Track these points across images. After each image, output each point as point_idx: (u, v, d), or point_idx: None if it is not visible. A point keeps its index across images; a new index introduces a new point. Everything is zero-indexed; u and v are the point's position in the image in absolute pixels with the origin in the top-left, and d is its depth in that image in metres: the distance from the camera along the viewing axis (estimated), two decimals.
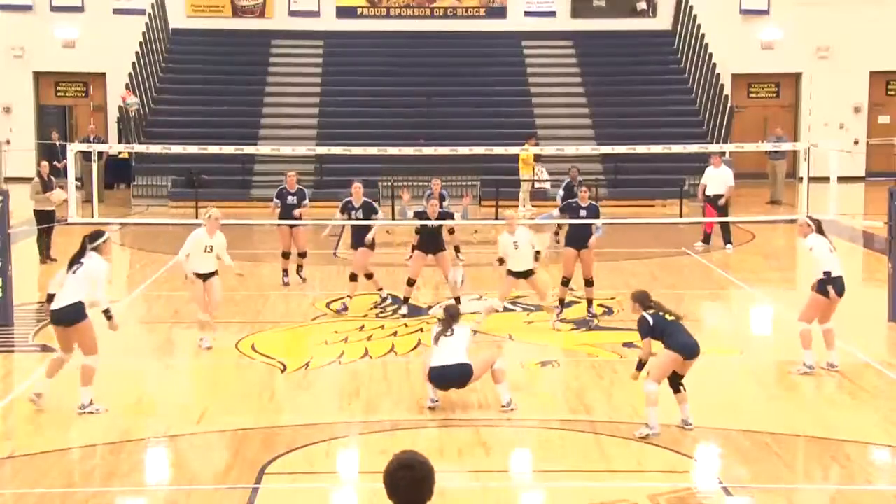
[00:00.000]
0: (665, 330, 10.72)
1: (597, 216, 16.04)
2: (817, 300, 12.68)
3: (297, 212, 18.17)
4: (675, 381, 10.83)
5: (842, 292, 12.67)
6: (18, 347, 14.39)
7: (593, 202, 16.24)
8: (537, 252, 15.22)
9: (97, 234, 12.54)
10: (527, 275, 14.92)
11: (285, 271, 18.26)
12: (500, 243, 15.12)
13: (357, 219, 16.91)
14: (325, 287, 18.15)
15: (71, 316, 11.40)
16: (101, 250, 12.40)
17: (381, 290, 16.72)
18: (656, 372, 10.70)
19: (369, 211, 17.10)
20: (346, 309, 15.99)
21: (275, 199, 18.58)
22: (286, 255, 18.34)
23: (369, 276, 16.58)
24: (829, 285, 12.57)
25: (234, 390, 12.36)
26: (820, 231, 12.89)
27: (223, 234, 14.45)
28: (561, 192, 20.81)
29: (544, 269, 19.40)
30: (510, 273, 14.89)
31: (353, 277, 16.41)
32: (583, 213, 15.85)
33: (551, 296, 15.55)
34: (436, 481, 4.74)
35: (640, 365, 10.94)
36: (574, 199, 16.35)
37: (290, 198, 18.36)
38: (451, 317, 11.78)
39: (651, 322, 10.70)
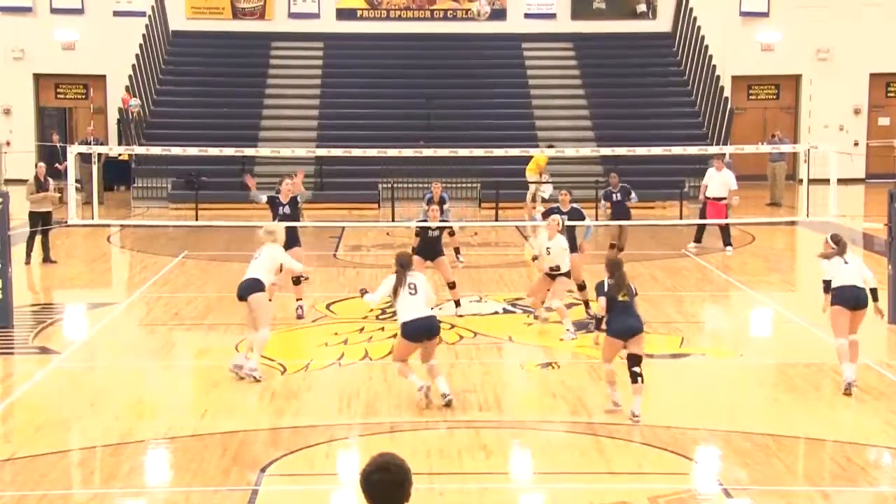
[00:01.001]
0: (611, 309, 11.27)
1: (581, 219, 16.11)
2: (833, 312, 12.38)
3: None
4: (632, 369, 11.20)
5: (848, 303, 12.27)
6: (18, 349, 14.39)
7: (574, 206, 16.23)
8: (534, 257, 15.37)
9: None
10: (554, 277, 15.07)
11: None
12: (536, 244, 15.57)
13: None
14: (326, 289, 18.15)
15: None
16: None
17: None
18: (603, 354, 11.55)
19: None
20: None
21: (264, 200, 17.31)
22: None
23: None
24: (832, 293, 12.37)
25: (234, 392, 12.36)
26: (842, 252, 12.62)
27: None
28: (603, 200, 21.05)
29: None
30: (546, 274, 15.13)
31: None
32: (564, 217, 15.82)
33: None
34: (413, 483, 4.71)
35: (598, 323, 11.85)
36: (556, 205, 16.45)
37: (282, 208, 16.21)
38: (403, 265, 11.60)
39: (605, 288, 11.33)
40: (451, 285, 16.25)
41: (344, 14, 35.47)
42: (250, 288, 12.58)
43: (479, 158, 27.52)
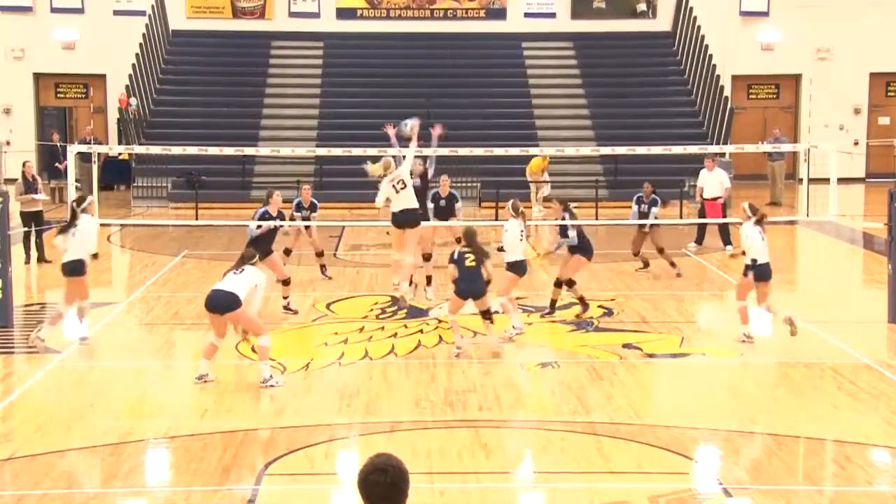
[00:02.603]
0: (460, 273, 13.46)
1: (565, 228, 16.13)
2: (744, 282, 14.22)
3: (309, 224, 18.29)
4: (483, 315, 13.76)
5: (765, 277, 14.02)
6: (18, 349, 14.39)
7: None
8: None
9: (82, 198, 14.70)
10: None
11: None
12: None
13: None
14: (326, 288, 18.15)
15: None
16: (89, 211, 14.55)
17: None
18: (450, 308, 13.90)
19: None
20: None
21: (293, 212, 18.46)
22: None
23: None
24: (752, 271, 13.97)
25: (235, 391, 12.36)
26: (759, 221, 14.12)
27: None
28: (634, 206, 20.03)
29: (544, 271, 19.41)
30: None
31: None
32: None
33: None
34: (410, 484, 4.72)
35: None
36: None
37: (304, 212, 18.67)
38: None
39: (455, 256, 13.57)
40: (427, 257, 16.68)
41: (344, 13, 35.47)
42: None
43: (479, 158, 27.56)
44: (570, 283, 15.80)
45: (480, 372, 13.03)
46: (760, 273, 14.02)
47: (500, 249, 15.00)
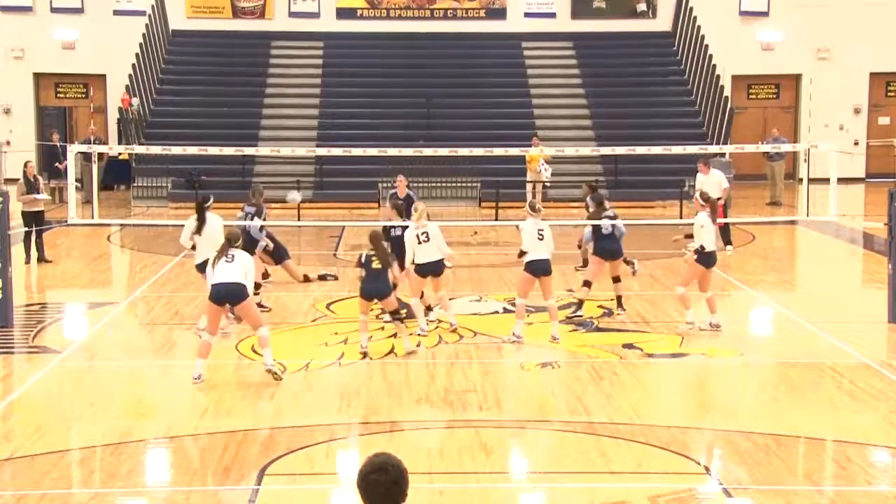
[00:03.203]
0: (367, 275, 13.65)
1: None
2: (695, 268, 14.82)
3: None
4: (392, 316, 13.99)
5: (711, 265, 14.81)
6: (18, 349, 14.39)
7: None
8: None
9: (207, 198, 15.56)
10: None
11: None
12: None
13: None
14: (326, 288, 18.14)
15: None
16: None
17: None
18: (359, 309, 14.06)
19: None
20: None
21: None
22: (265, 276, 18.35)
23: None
24: (702, 257, 14.62)
25: (235, 391, 12.36)
26: (713, 211, 15.01)
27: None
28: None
29: None
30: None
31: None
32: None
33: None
34: (409, 483, 4.72)
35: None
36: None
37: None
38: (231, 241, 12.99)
39: (362, 259, 13.72)
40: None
41: (344, 13, 35.46)
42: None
43: (479, 158, 27.57)
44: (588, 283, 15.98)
45: (480, 372, 13.03)
46: (708, 260, 14.68)
47: (522, 254, 14.65)
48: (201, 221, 14.80)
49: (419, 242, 14.82)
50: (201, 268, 14.44)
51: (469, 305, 16.48)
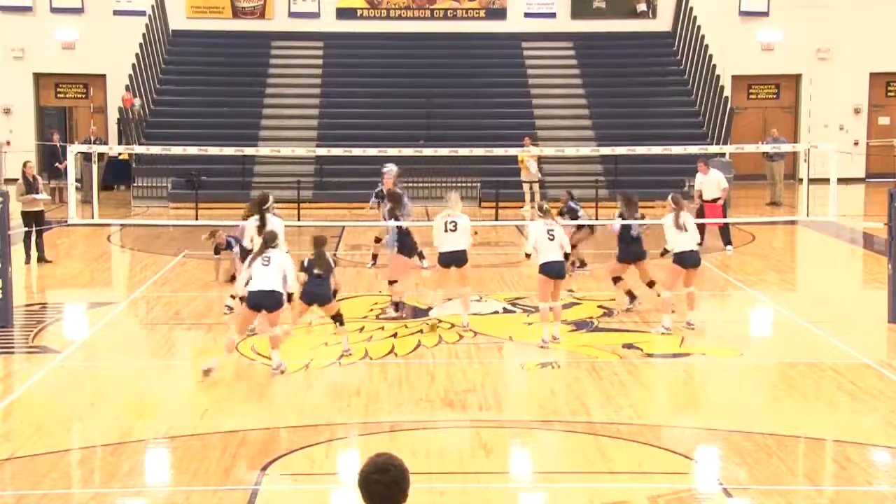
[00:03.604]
0: (308, 279, 13.43)
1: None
2: (672, 270, 14.97)
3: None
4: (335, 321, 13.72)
5: (690, 265, 14.89)
6: (18, 349, 14.39)
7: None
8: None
9: (265, 199, 15.27)
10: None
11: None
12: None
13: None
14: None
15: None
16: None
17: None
18: (292, 316, 13.94)
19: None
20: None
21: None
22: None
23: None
24: (676, 257, 14.86)
25: (235, 391, 12.37)
26: (679, 213, 15.02)
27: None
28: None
29: None
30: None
31: None
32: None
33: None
34: (410, 483, 4.72)
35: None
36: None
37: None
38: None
39: (305, 263, 13.42)
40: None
41: (344, 13, 35.46)
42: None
43: (479, 158, 27.56)
44: (616, 280, 16.19)
45: (480, 372, 13.03)
46: (688, 261, 14.82)
47: (527, 256, 14.75)
48: (263, 223, 14.56)
49: (446, 230, 14.89)
50: None
51: (469, 305, 16.46)
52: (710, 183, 21.80)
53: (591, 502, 9.12)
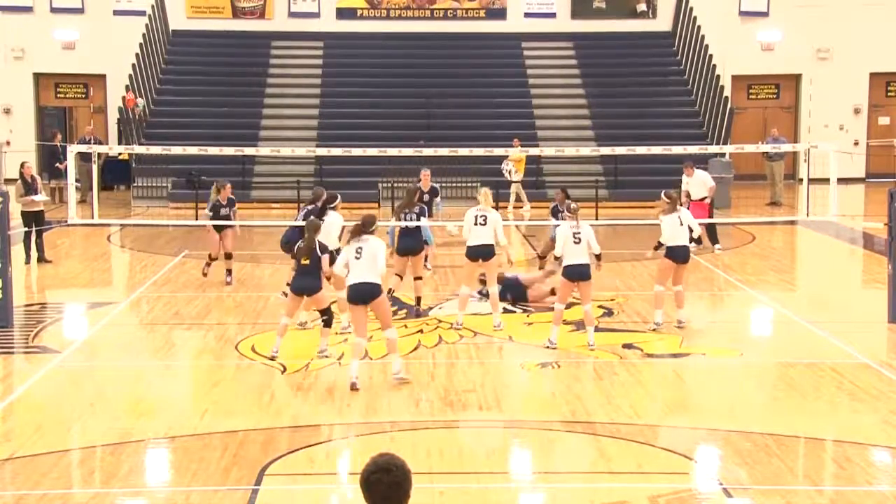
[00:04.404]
0: (297, 269, 13.36)
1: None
2: (665, 264, 15.00)
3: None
4: (322, 317, 13.55)
5: (683, 260, 14.97)
6: (18, 349, 14.39)
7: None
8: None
9: (333, 198, 15.42)
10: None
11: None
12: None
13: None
14: (326, 288, 18.08)
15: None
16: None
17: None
18: (286, 308, 13.75)
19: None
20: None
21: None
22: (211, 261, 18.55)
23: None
24: (668, 252, 14.89)
25: (234, 391, 12.37)
26: (674, 208, 15.19)
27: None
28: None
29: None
30: None
31: None
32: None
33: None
34: (412, 484, 4.73)
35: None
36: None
37: (224, 210, 18.69)
38: (365, 226, 12.45)
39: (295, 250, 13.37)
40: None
41: (344, 13, 35.47)
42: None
43: (479, 158, 27.55)
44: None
45: (480, 372, 13.03)
46: (679, 255, 14.89)
47: (556, 259, 14.36)
48: (321, 217, 14.57)
49: (475, 224, 15.01)
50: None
51: (469, 305, 16.44)
52: (696, 184, 21.89)
53: (592, 502, 9.12)
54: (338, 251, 13.74)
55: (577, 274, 13.78)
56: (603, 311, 16.18)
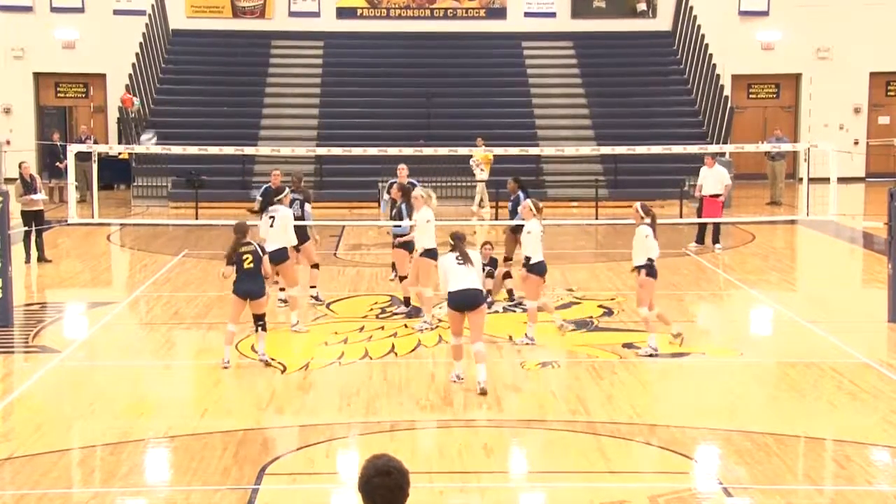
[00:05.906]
0: (238, 273, 13.09)
1: None
2: (650, 283, 13.73)
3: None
4: (256, 321, 13.29)
5: (656, 275, 13.90)
6: (18, 348, 14.39)
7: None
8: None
9: (280, 190, 15.71)
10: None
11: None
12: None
13: None
14: (326, 288, 18.11)
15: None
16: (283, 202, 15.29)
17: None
18: (230, 314, 13.44)
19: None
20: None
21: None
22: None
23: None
24: (651, 270, 13.66)
25: (234, 391, 12.37)
26: (653, 222, 13.84)
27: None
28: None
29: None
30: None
31: None
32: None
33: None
34: (410, 484, 4.75)
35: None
36: None
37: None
38: (460, 239, 12.33)
39: (232, 257, 13.14)
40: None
41: (344, 13, 35.47)
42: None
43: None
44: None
45: None
46: (656, 272, 13.83)
47: (528, 259, 14.22)
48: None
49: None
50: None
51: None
52: (713, 178, 21.77)
53: (591, 502, 9.12)
54: (297, 247, 15.06)
55: (545, 271, 14.38)
56: (603, 311, 16.18)
